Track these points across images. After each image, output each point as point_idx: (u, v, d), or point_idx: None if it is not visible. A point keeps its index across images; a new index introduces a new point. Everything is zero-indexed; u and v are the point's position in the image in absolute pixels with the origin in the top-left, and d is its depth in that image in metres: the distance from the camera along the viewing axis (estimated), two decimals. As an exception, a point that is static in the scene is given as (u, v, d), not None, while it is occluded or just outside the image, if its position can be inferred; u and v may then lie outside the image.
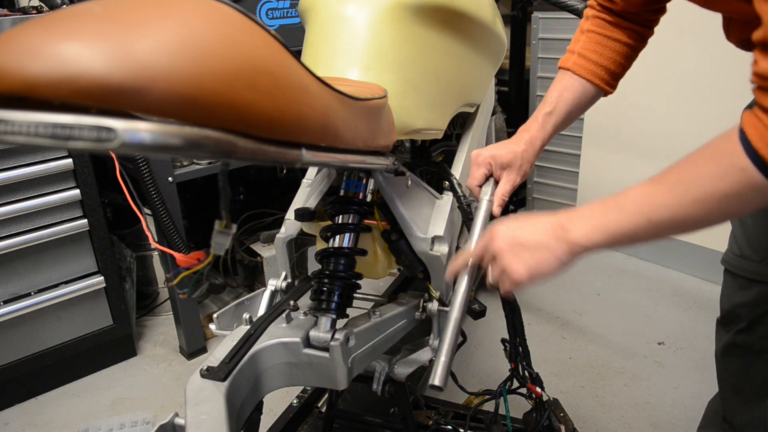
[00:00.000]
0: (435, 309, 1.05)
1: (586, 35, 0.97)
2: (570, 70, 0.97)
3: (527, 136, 0.97)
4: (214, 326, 1.05)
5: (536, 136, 0.97)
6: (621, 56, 0.96)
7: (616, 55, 0.96)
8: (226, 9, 0.47)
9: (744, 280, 1.07)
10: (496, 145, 0.99)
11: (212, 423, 0.72)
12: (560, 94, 0.97)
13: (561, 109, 0.96)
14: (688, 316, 2.11)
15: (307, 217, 1.06)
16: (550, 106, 0.97)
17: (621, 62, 0.97)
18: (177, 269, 0.88)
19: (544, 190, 3.01)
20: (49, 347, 1.78)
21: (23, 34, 0.38)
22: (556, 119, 0.97)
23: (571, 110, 0.97)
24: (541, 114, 0.97)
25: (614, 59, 0.96)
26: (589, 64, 0.96)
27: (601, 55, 0.95)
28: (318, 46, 0.98)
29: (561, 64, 0.99)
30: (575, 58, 0.97)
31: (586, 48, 0.96)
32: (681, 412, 1.64)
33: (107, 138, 0.38)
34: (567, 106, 0.96)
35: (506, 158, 0.96)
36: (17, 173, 1.57)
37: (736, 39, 0.85)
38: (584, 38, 0.97)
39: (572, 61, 0.97)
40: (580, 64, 0.96)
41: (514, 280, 0.74)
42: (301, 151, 0.56)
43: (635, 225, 0.66)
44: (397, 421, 1.22)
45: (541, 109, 0.98)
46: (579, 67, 0.96)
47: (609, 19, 0.96)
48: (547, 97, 0.98)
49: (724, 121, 2.15)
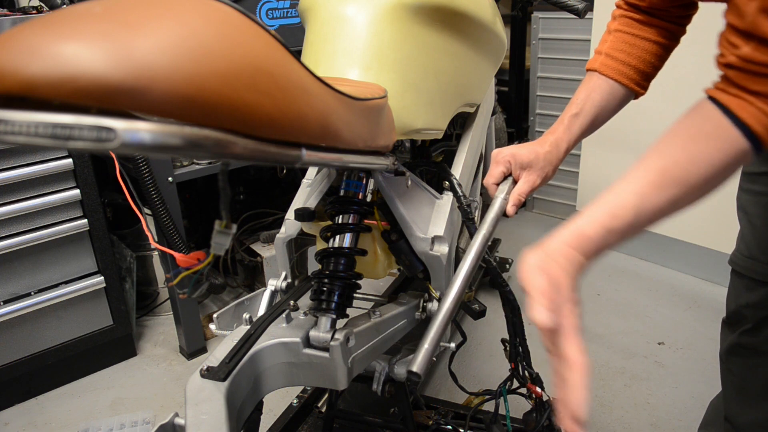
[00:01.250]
0: (435, 309, 1.05)
1: (614, 35, 0.94)
2: (597, 71, 0.93)
3: (552, 138, 0.94)
4: (214, 326, 1.05)
5: (562, 138, 0.94)
6: (651, 55, 0.92)
7: (646, 54, 0.92)
8: (226, 9, 0.47)
9: (751, 281, 1.06)
10: (519, 145, 0.96)
11: (212, 423, 0.72)
12: (587, 95, 0.93)
13: (588, 111, 0.93)
14: (688, 316, 2.11)
15: (307, 217, 1.06)
16: (576, 107, 0.93)
17: (652, 62, 0.93)
18: (177, 269, 0.87)
19: (544, 190, 3.00)
20: (49, 347, 1.78)
21: (23, 34, 0.38)
22: (582, 121, 0.93)
23: (598, 112, 0.93)
24: (567, 116, 0.94)
25: (644, 58, 0.92)
26: (616, 64, 0.92)
27: (629, 54, 0.91)
28: (318, 46, 0.98)
29: (588, 66, 0.96)
30: (602, 58, 0.93)
31: (613, 48, 0.93)
32: (681, 412, 1.64)
33: (107, 138, 0.38)
34: (594, 108, 0.93)
35: (527, 158, 0.93)
36: (17, 173, 1.57)
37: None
38: (611, 38, 0.94)
39: (599, 62, 0.93)
40: (608, 64, 0.92)
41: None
42: (301, 151, 0.56)
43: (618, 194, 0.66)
44: (397, 421, 1.22)
45: (567, 111, 0.95)
46: (606, 67, 0.92)
47: (637, 17, 0.92)
48: (573, 99, 0.95)
49: (724, 121, 2.07)
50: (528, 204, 3.08)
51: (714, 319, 2.04)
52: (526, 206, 3.08)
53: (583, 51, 2.56)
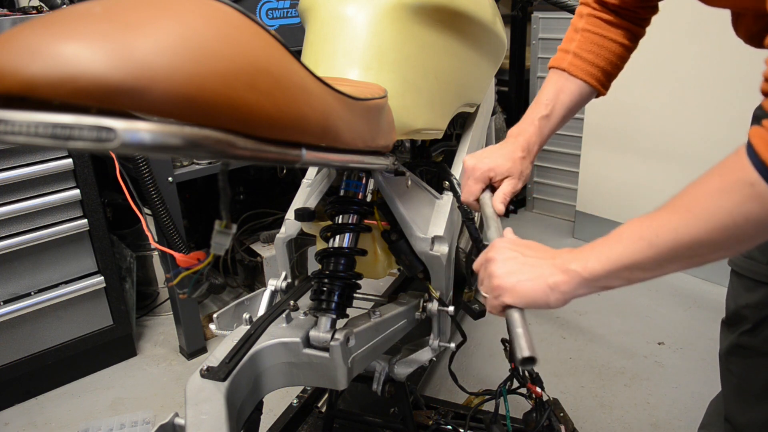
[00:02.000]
0: (435, 309, 1.05)
1: (582, 34, 0.94)
2: (566, 70, 0.94)
3: (523, 142, 0.93)
4: (214, 326, 1.05)
5: (533, 141, 0.93)
6: (617, 57, 0.94)
7: (612, 56, 0.94)
8: (227, 9, 0.47)
9: (750, 282, 1.06)
10: (491, 155, 0.92)
11: (212, 423, 0.72)
12: (556, 96, 0.93)
13: (558, 113, 0.93)
14: (688, 316, 2.11)
15: (307, 217, 1.06)
16: (546, 109, 0.93)
17: (616, 63, 0.95)
18: (177, 269, 0.88)
19: (544, 190, 3.01)
20: (49, 347, 1.78)
21: (23, 34, 0.38)
22: (553, 123, 0.93)
23: (566, 113, 0.94)
24: (537, 117, 0.93)
25: (610, 60, 0.94)
26: (585, 65, 0.93)
27: (597, 55, 0.93)
28: (318, 46, 0.98)
29: (554, 63, 0.96)
30: (571, 58, 0.94)
31: (582, 48, 0.93)
32: (681, 412, 1.64)
33: (107, 138, 0.38)
34: (564, 109, 0.93)
35: (506, 168, 0.91)
36: (17, 173, 1.57)
37: (745, 33, 0.82)
38: (579, 37, 0.94)
39: (568, 62, 0.94)
40: (577, 64, 0.93)
41: (499, 292, 0.68)
42: (301, 151, 0.56)
43: (635, 251, 0.59)
44: (397, 421, 1.22)
45: (535, 110, 0.94)
46: (575, 67, 0.93)
47: (606, 17, 0.94)
48: (540, 98, 0.94)
49: (723, 120, 2.17)
50: (528, 204, 3.08)
51: (714, 319, 2.03)
52: (527, 206, 3.09)
53: (583, 51, 2.56)
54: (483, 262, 0.75)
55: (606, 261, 0.61)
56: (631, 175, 2.41)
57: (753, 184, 0.52)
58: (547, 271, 0.66)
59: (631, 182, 2.43)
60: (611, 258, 0.61)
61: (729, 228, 0.54)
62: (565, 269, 0.64)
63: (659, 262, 0.59)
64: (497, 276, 0.69)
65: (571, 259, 0.65)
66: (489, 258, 0.73)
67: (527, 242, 0.74)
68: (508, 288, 0.67)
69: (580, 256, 0.64)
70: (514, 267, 0.68)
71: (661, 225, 0.58)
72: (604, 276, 0.62)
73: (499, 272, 0.69)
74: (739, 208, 0.53)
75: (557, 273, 0.65)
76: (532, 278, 0.66)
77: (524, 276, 0.67)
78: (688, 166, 2.18)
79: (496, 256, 0.71)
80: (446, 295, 1.07)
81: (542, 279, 0.66)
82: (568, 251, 0.67)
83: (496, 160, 0.91)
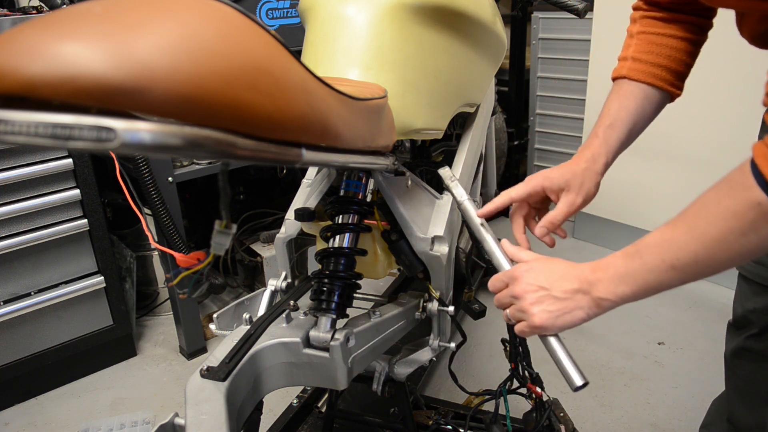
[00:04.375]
0: (435, 309, 1.05)
1: (637, 38, 0.88)
2: (626, 77, 0.87)
3: (588, 154, 0.86)
4: (214, 326, 1.05)
5: (599, 152, 0.86)
6: (681, 53, 0.86)
7: (675, 52, 0.86)
8: (226, 9, 0.47)
9: (758, 287, 1.05)
10: (551, 168, 0.88)
11: (212, 423, 0.72)
12: (620, 104, 0.86)
13: (624, 121, 0.85)
14: (688, 316, 2.11)
15: (307, 217, 1.06)
16: (609, 118, 0.86)
17: (683, 59, 0.87)
18: (177, 269, 0.88)
19: (544, 190, 3.00)
20: (49, 347, 1.78)
21: (23, 34, 0.38)
22: (619, 132, 0.86)
23: (635, 120, 0.86)
24: (601, 128, 0.87)
25: (674, 57, 0.86)
26: (646, 67, 0.86)
27: (658, 54, 0.86)
28: (318, 46, 0.98)
29: (614, 74, 0.90)
30: (630, 63, 0.87)
31: (639, 50, 0.87)
32: (681, 412, 1.64)
33: (107, 138, 0.38)
34: (630, 116, 0.86)
35: (562, 179, 0.86)
36: (17, 173, 1.57)
37: (749, 33, 0.79)
38: (635, 42, 0.88)
39: (627, 68, 0.87)
40: (637, 68, 0.86)
41: (535, 326, 0.74)
42: (301, 151, 0.56)
43: (659, 274, 0.64)
44: (397, 421, 1.22)
45: (600, 123, 0.87)
46: (636, 71, 0.86)
47: (660, 15, 0.87)
48: (605, 110, 0.88)
49: (724, 121, 2.17)
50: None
51: (714, 320, 2.04)
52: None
53: (583, 51, 2.56)
54: (508, 296, 0.77)
55: (633, 285, 0.67)
56: (631, 175, 2.41)
57: (760, 203, 0.55)
58: (583, 304, 0.71)
59: (631, 182, 2.42)
60: (638, 282, 0.66)
61: (744, 246, 0.58)
62: (598, 303, 0.70)
63: (683, 280, 0.64)
64: (533, 314, 0.74)
65: (602, 290, 0.69)
66: (516, 295, 0.76)
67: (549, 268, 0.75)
68: (548, 326, 0.73)
69: (608, 284, 0.68)
70: (550, 307, 0.73)
71: (681, 249, 0.62)
72: (632, 298, 0.68)
73: (535, 311, 0.73)
74: (750, 227, 0.56)
75: (593, 307, 0.71)
76: (570, 311, 0.72)
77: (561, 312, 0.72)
78: (688, 167, 2.18)
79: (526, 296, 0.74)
80: (446, 295, 1.07)
81: (580, 312, 0.71)
82: (592, 270, 0.70)
83: (553, 170, 0.87)
